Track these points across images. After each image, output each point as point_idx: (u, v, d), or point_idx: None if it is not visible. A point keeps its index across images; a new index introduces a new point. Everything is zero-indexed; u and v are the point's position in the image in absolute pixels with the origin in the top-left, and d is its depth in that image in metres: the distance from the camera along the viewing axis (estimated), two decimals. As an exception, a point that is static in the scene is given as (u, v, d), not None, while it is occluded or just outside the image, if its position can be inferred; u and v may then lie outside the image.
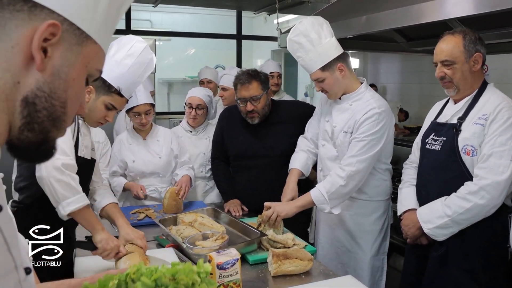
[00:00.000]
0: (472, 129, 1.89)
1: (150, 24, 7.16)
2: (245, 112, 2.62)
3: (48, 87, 0.61)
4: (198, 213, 2.30)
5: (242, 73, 2.62)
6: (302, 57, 2.25)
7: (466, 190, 1.87)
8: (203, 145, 3.15)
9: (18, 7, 0.57)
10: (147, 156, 2.89)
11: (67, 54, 0.62)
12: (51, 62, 0.60)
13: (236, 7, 5.39)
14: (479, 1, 1.87)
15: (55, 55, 0.60)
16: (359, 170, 2.18)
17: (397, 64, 4.58)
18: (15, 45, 0.58)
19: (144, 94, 2.78)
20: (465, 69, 1.92)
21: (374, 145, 2.19)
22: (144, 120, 2.80)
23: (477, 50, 1.90)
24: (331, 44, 2.22)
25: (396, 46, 3.42)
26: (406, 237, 2.11)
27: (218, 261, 1.54)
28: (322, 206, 2.21)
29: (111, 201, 2.05)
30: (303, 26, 2.21)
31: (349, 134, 2.24)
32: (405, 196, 2.16)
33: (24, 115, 0.60)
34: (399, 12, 2.36)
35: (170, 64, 7.32)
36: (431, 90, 3.90)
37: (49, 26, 0.58)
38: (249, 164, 2.68)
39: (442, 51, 1.95)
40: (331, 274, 1.83)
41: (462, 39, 1.91)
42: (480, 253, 1.91)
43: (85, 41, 0.64)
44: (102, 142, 3.08)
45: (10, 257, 0.63)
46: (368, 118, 2.19)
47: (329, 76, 2.23)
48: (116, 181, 2.87)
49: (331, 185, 2.18)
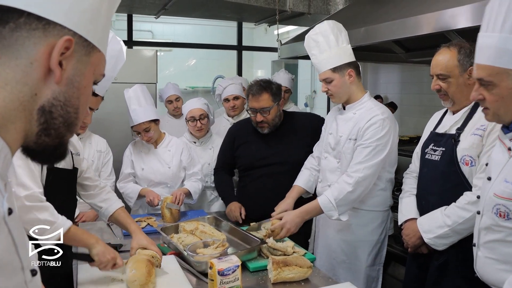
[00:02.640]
0: (470, 139, 1.91)
1: (152, 35, 7.23)
2: (255, 122, 2.67)
3: (64, 96, 0.66)
4: (199, 221, 2.32)
5: (255, 84, 2.67)
6: (316, 55, 2.29)
7: (465, 200, 1.88)
8: (208, 155, 3.18)
9: (34, 26, 0.62)
10: (156, 165, 2.91)
11: (78, 65, 0.67)
12: (65, 74, 0.65)
13: (237, 19, 5.45)
14: (476, 13, 1.90)
15: (69, 67, 0.66)
16: (367, 176, 2.19)
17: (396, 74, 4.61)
18: (33, 61, 0.62)
19: (141, 112, 2.78)
20: (460, 82, 1.93)
21: (380, 151, 2.21)
22: (144, 137, 2.83)
23: (472, 63, 1.92)
24: (346, 50, 2.28)
25: (395, 57, 3.47)
26: (407, 246, 2.11)
27: (219, 268, 1.55)
28: (330, 213, 2.22)
29: (119, 206, 2.05)
30: (324, 26, 2.26)
31: (353, 140, 2.27)
32: (406, 206, 2.17)
33: (41, 122, 0.65)
34: (398, 24, 2.41)
35: (171, 74, 7.38)
36: (431, 100, 3.92)
37: (65, 41, 0.63)
38: (261, 172, 2.70)
39: (437, 64, 1.98)
40: (330, 281, 1.85)
41: (457, 52, 1.93)
42: None
43: (92, 51, 0.69)
44: (104, 151, 3.10)
45: (17, 258, 0.65)
46: (372, 124, 2.21)
47: (338, 78, 2.26)
48: (130, 187, 2.88)
49: (339, 192, 2.20)
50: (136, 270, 1.66)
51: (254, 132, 2.75)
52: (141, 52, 4.46)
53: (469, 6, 1.96)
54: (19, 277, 0.66)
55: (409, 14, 2.34)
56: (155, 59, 4.18)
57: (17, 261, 0.65)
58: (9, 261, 0.63)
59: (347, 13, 3.40)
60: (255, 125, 2.69)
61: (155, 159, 2.93)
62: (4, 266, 0.61)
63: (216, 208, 3.17)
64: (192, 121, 3.12)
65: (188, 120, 3.15)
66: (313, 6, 3.96)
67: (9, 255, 0.63)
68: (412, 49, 3.16)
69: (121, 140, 3.89)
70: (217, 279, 1.55)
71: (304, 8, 3.92)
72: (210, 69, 7.47)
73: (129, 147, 3.03)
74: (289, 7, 3.86)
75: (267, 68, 7.71)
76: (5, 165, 0.63)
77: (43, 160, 0.74)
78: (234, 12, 4.56)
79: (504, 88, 1.44)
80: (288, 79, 4.18)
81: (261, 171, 2.70)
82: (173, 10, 4.43)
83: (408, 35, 2.35)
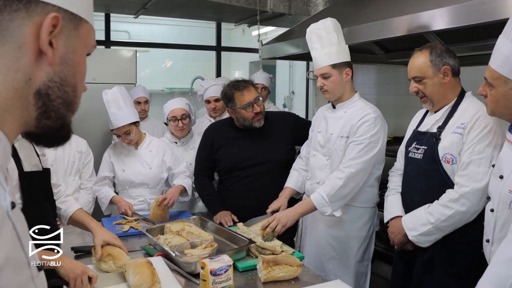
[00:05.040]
0: (451, 138, 1.96)
1: (128, 36, 7.13)
2: (251, 117, 2.63)
3: (59, 77, 0.63)
4: (185, 222, 2.31)
5: (237, 81, 2.70)
6: (317, 49, 2.32)
7: (447, 197, 1.93)
8: (190, 155, 3.15)
9: (15, 7, 0.58)
10: (137, 166, 2.87)
11: (68, 41, 0.64)
12: (57, 53, 0.62)
13: (216, 19, 5.43)
14: (455, 15, 1.95)
15: (60, 45, 0.62)
16: (358, 171, 2.24)
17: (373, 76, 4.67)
18: (22, 45, 0.59)
19: (120, 115, 2.74)
20: (435, 82, 1.99)
21: (372, 148, 2.26)
22: (125, 140, 2.80)
23: (444, 63, 1.98)
24: (345, 49, 2.34)
25: (374, 58, 3.52)
26: (393, 244, 2.15)
27: (211, 268, 1.55)
28: (323, 209, 2.24)
29: (78, 207, 2.02)
30: (327, 23, 2.30)
31: (345, 138, 2.31)
32: (391, 204, 2.21)
33: (39, 106, 0.62)
34: (378, 25, 2.45)
35: (148, 76, 7.30)
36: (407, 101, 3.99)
37: (52, 19, 0.60)
38: (245, 174, 2.68)
39: (412, 67, 2.05)
40: (320, 279, 1.86)
41: (429, 54, 1.99)
42: (464, 257, 1.96)
43: (80, 24, 0.65)
44: (85, 152, 3.04)
45: (23, 254, 0.63)
46: (365, 122, 2.27)
47: (336, 75, 2.30)
48: (103, 192, 2.83)
49: (331, 187, 2.23)
50: (140, 274, 1.64)
51: (232, 133, 2.74)
52: (119, 52, 4.40)
53: (447, 8, 2.01)
54: (26, 273, 0.64)
55: (389, 15, 2.38)
56: (134, 60, 4.13)
57: (23, 256, 0.63)
58: (16, 257, 0.61)
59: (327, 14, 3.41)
60: (250, 122, 2.64)
61: (136, 160, 2.89)
62: (12, 261, 0.59)
63: (199, 208, 3.15)
64: (173, 121, 3.10)
65: (169, 120, 3.12)
66: (294, 7, 3.99)
67: (15, 250, 0.61)
68: (391, 50, 3.22)
69: (100, 141, 3.84)
70: (209, 279, 1.54)
71: (284, 9, 3.95)
72: (187, 70, 7.42)
73: (108, 150, 2.98)
74: (270, 8, 3.88)
75: (245, 69, 7.71)
76: (5, 157, 0.61)
77: (47, 143, 0.71)
78: (215, 12, 4.54)
79: (500, 94, 1.57)
80: (266, 78, 4.22)
81: (244, 172, 2.69)
82: (153, 10, 4.37)
83: (388, 36, 2.38)
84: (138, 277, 1.62)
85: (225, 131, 2.79)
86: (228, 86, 2.71)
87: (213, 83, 3.64)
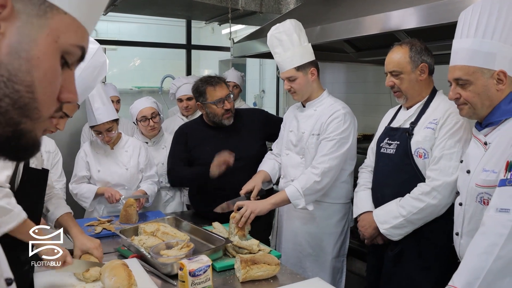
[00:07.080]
0: (423, 133, 2.00)
1: (96, 33, 6.96)
2: (221, 114, 2.63)
3: (6, 69, 0.50)
4: (160, 223, 2.26)
5: (210, 77, 2.70)
6: (279, 54, 2.32)
7: (419, 191, 1.97)
8: (161, 155, 3.10)
9: None
10: (113, 167, 2.80)
11: (25, 28, 0.51)
12: (6, 40, 0.50)
13: (187, 17, 5.36)
14: (424, 15, 2.00)
15: (11, 31, 0.50)
16: (332, 167, 2.26)
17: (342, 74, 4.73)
18: None
19: (104, 111, 2.66)
20: (411, 78, 2.03)
21: (343, 144, 2.29)
22: (106, 138, 2.72)
23: (423, 60, 2.03)
24: (308, 49, 2.35)
25: (345, 56, 3.56)
26: (363, 238, 2.18)
27: (190, 268, 1.52)
28: (296, 202, 2.25)
29: (65, 211, 1.98)
30: (287, 25, 2.29)
31: (316, 135, 2.33)
32: (361, 199, 2.24)
33: None
34: (349, 23, 2.48)
35: (115, 74, 7.14)
36: (376, 99, 4.07)
37: None
38: None
39: (390, 61, 2.07)
40: (298, 278, 1.86)
41: (409, 50, 2.03)
42: (434, 251, 2.00)
43: (49, 12, 0.53)
44: (53, 152, 2.94)
45: None
46: (335, 118, 2.29)
47: (301, 77, 2.32)
48: (85, 187, 2.75)
49: (306, 181, 2.24)
50: (116, 276, 1.60)
51: (204, 132, 2.73)
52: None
53: (417, 7, 2.05)
54: None
55: (360, 14, 2.41)
56: (103, 57, 4.01)
57: None
58: None
59: (298, 12, 3.45)
60: (220, 119, 2.63)
61: (112, 160, 2.82)
62: None
63: (172, 208, 3.11)
64: (144, 121, 3.04)
65: (139, 120, 3.06)
66: (265, 5, 3.99)
67: None
68: (362, 49, 3.26)
69: (67, 140, 3.72)
70: (188, 280, 1.51)
71: (256, 7, 3.94)
72: (156, 68, 7.31)
73: (84, 149, 2.88)
74: (241, 6, 3.86)
75: (215, 67, 7.67)
76: None
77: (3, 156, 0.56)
78: (185, 10, 4.49)
79: (480, 86, 1.62)
80: (238, 76, 4.23)
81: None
82: (123, 7, 4.27)
83: (360, 34, 2.42)
84: (115, 280, 1.58)
85: (198, 130, 2.76)
86: (201, 80, 2.70)
87: (185, 81, 3.60)
